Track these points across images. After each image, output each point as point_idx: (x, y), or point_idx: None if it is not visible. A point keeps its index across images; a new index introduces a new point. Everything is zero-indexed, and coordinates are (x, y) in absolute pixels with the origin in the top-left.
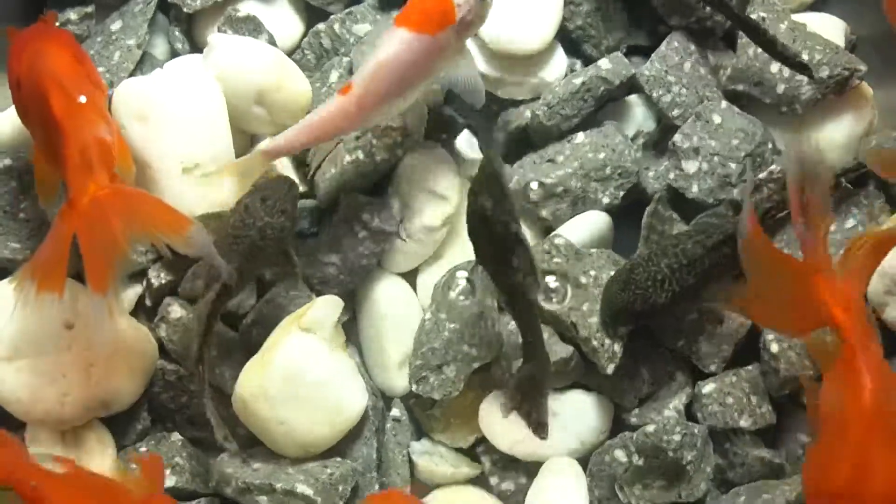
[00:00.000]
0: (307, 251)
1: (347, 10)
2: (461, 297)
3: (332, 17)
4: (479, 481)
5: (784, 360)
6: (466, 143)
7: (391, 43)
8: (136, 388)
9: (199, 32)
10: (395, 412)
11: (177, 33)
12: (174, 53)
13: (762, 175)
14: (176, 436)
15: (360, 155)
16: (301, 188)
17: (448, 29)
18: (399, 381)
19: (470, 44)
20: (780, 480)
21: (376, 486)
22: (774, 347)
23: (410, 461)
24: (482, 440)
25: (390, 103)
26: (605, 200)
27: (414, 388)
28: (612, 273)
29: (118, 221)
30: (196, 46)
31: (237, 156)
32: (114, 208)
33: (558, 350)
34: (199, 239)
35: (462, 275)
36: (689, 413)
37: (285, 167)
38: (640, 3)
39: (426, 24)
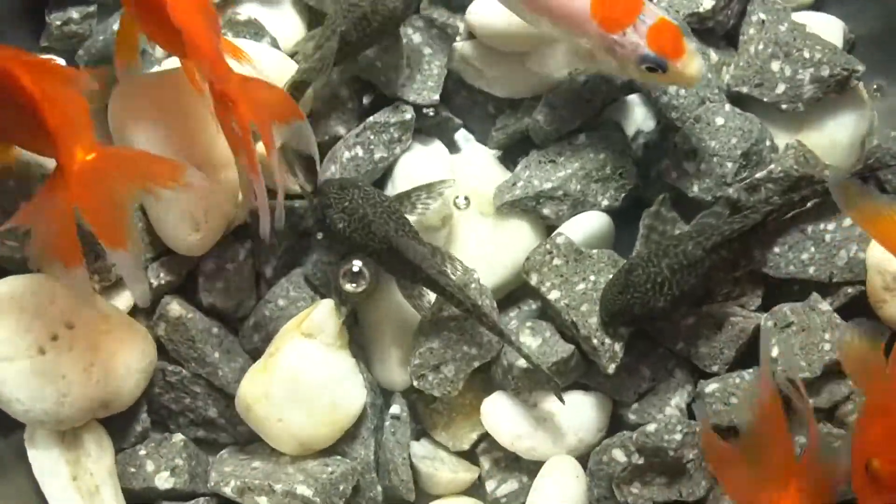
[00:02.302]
0: (307, 251)
1: None
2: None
3: None
4: (477, 487)
5: (783, 364)
6: (463, 140)
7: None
8: (135, 389)
9: None
10: (394, 409)
11: None
12: None
13: (760, 175)
14: (177, 437)
15: (359, 151)
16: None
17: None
18: (400, 376)
19: (471, 46)
20: None
21: (378, 488)
22: (774, 351)
23: (412, 465)
24: (482, 439)
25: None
26: (605, 203)
27: (415, 383)
28: (612, 274)
29: (114, 181)
30: None
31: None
32: (106, 169)
33: (559, 349)
34: (195, 180)
35: None
36: (689, 412)
37: None
38: None
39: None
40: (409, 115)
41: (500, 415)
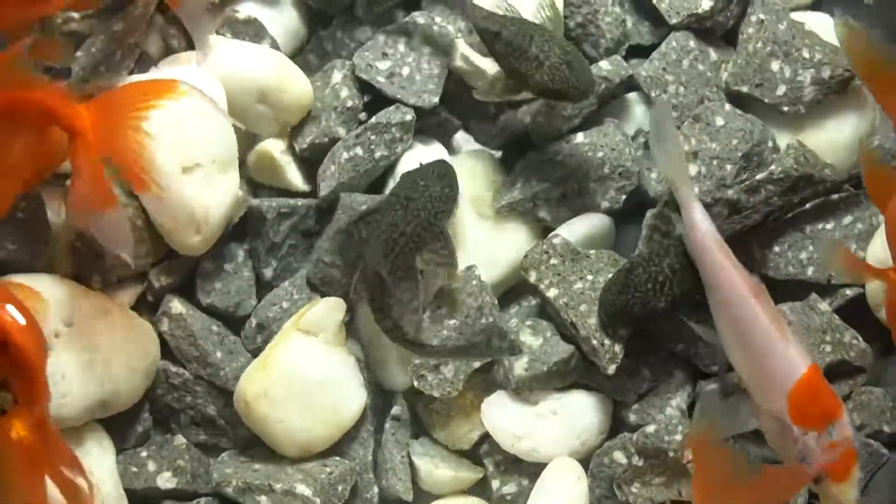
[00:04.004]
0: (309, 252)
1: (347, 16)
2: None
3: (334, 20)
4: (481, 485)
5: None
6: (463, 141)
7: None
8: (137, 389)
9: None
10: (395, 410)
11: (173, 31)
12: (169, 51)
13: (761, 176)
14: (179, 438)
15: (359, 151)
16: (302, 187)
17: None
18: (400, 376)
19: (469, 47)
20: None
21: (375, 489)
22: None
23: (411, 464)
24: (483, 440)
25: None
26: (605, 204)
27: (415, 383)
28: (611, 274)
29: (123, 116)
30: (194, 46)
31: (240, 154)
32: (110, 108)
33: (559, 350)
34: (188, 89)
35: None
36: (690, 412)
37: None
38: (641, 3)
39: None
40: (409, 115)
41: (501, 415)
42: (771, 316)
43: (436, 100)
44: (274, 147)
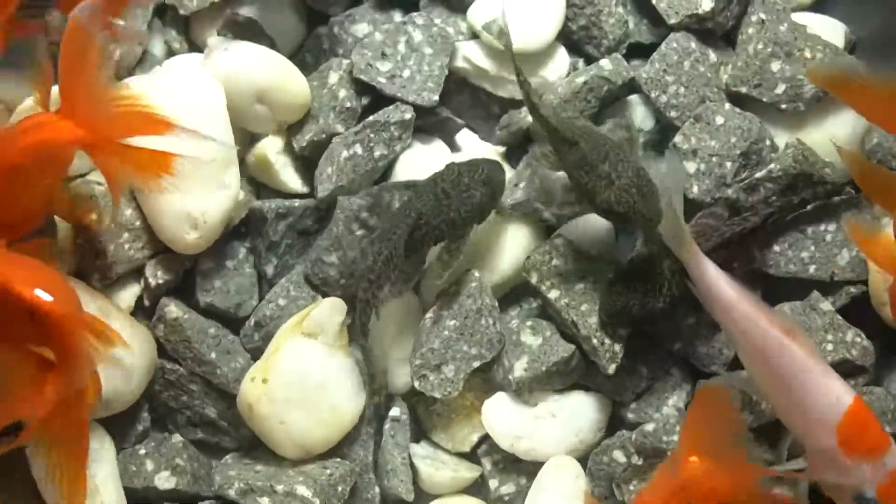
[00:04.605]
0: (307, 250)
1: (347, 13)
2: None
3: (331, 19)
4: (479, 486)
5: None
6: (466, 140)
7: None
8: (136, 388)
9: (197, 32)
10: (394, 412)
11: (173, 33)
12: (171, 53)
13: (760, 174)
14: (177, 437)
15: (359, 149)
16: (301, 188)
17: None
18: (401, 378)
19: (472, 46)
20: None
21: (375, 489)
22: None
23: (412, 465)
24: (483, 440)
25: None
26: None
27: (416, 384)
28: (611, 275)
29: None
30: (195, 46)
31: (240, 153)
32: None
33: (560, 349)
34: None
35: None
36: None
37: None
38: (641, 3)
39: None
40: (408, 114)
41: (501, 416)
42: (808, 351)
43: (436, 98)
44: (273, 146)
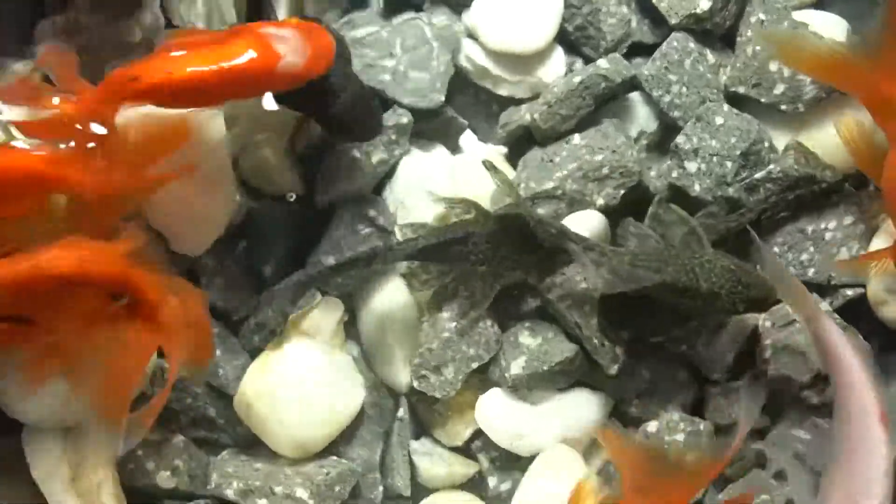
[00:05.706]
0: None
1: (346, 20)
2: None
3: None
4: (477, 482)
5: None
6: (468, 142)
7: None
8: (135, 388)
9: None
10: (398, 411)
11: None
12: None
13: (759, 175)
14: (177, 438)
15: (356, 154)
16: (300, 189)
17: None
18: (402, 377)
19: (473, 45)
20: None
21: (380, 488)
22: (767, 353)
23: (412, 462)
24: (476, 436)
25: None
26: (601, 202)
27: (416, 384)
28: None
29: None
30: None
31: (239, 154)
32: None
33: (563, 349)
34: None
35: None
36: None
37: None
38: (643, 3)
39: None
40: (405, 118)
41: (497, 413)
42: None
43: (441, 98)
44: (273, 148)
